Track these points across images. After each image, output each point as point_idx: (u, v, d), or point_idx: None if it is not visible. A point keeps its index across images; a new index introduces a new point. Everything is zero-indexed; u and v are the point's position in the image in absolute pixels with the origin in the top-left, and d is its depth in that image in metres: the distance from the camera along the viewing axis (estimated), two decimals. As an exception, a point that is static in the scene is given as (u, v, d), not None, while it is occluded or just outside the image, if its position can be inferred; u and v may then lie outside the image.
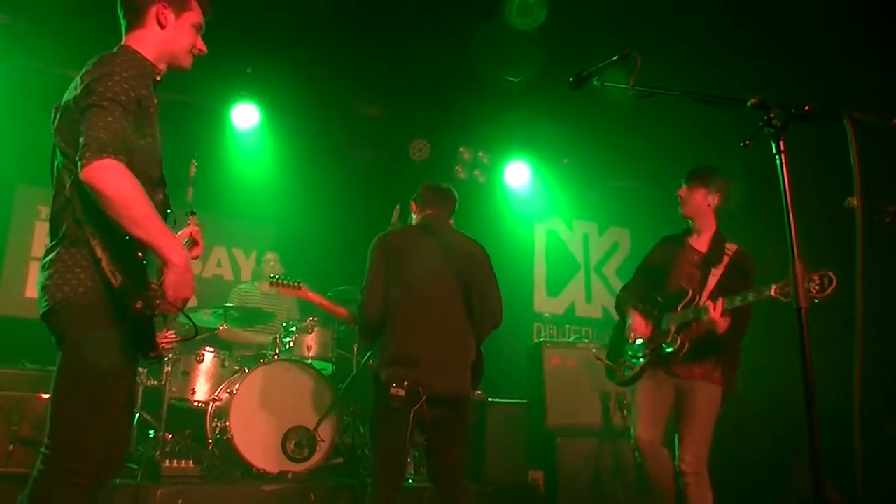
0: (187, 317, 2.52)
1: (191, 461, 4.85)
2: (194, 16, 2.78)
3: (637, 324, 4.23)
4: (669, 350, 4.04)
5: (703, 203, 4.18)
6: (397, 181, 7.05)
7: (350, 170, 7.66)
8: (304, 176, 7.37)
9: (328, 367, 5.71)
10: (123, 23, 2.72)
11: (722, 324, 3.81)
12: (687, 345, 3.99)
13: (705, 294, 4.02)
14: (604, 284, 8.92)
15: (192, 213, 3.18)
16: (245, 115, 7.11)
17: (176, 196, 5.26)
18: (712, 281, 4.06)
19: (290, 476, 4.98)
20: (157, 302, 2.36)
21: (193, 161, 5.33)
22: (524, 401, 5.86)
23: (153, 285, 2.40)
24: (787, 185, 2.31)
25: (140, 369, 5.34)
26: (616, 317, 4.59)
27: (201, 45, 2.83)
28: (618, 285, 9.03)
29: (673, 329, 4.07)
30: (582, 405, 6.00)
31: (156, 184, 2.64)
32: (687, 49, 5.92)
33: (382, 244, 3.85)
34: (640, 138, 7.48)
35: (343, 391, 5.41)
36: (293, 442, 5.06)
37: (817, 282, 3.34)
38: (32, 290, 6.63)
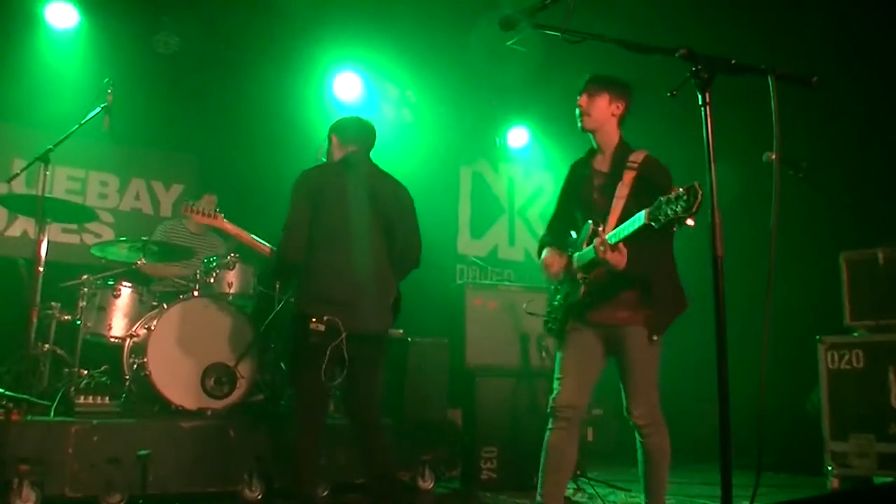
0: None
1: (107, 398, 4.76)
2: None
3: (551, 259, 3.65)
4: (577, 295, 3.49)
5: (605, 111, 3.59)
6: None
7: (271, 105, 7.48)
8: (225, 104, 7.17)
9: (249, 305, 5.65)
10: None
11: (616, 260, 3.18)
12: (584, 288, 3.45)
13: (611, 223, 3.36)
14: (527, 228, 9.03)
15: None
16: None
17: (94, 127, 5.12)
18: (618, 205, 3.41)
19: (209, 413, 4.94)
20: None
21: (110, 89, 5.13)
22: (444, 339, 5.93)
23: None
24: (710, 137, 2.37)
25: (53, 303, 5.21)
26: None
27: None
28: (541, 229, 9.20)
29: (579, 272, 3.49)
30: (501, 346, 6.09)
31: None
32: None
33: (305, 182, 3.80)
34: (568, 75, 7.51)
35: (264, 328, 5.37)
36: (213, 378, 5.01)
37: (684, 196, 2.75)
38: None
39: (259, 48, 7.16)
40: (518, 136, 8.92)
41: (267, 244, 4.39)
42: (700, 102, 2.38)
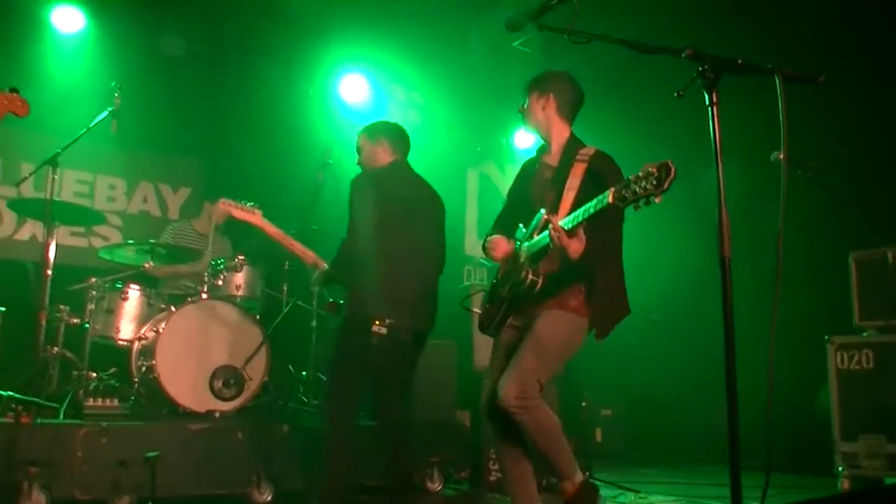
0: None
1: (116, 400, 4.77)
2: None
3: (497, 240, 3.48)
4: (523, 286, 3.24)
5: (536, 109, 3.54)
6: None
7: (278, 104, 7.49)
8: (231, 107, 7.18)
9: (257, 307, 5.66)
10: None
11: (572, 246, 3.00)
12: (541, 280, 3.20)
13: (562, 213, 3.16)
14: (534, 229, 9.00)
15: None
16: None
17: (102, 131, 5.13)
18: (569, 196, 3.25)
19: (217, 415, 4.95)
20: None
21: (117, 93, 5.14)
22: (452, 341, 5.92)
23: None
24: (718, 137, 2.36)
25: (62, 306, 5.22)
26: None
27: None
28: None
29: (526, 262, 3.26)
30: (509, 347, 6.08)
31: None
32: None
33: (366, 187, 3.90)
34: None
35: (272, 330, 5.37)
36: (221, 381, 5.02)
37: (655, 174, 2.56)
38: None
39: (265, 50, 7.18)
40: (524, 137, 8.90)
41: (307, 249, 4.32)
42: (707, 102, 2.37)
